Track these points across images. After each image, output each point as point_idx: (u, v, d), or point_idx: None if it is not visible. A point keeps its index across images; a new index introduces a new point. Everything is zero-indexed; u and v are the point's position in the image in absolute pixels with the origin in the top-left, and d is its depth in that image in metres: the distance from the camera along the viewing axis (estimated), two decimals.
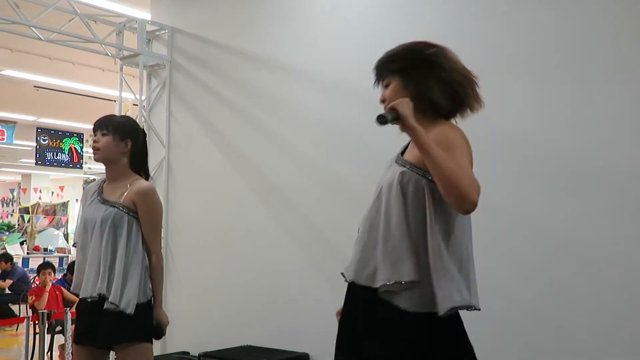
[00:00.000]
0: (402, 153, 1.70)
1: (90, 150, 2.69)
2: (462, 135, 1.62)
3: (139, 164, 2.54)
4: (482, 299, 1.61)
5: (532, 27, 3.14)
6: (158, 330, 2.46)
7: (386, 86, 1.70)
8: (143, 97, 4.95)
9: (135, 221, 2.41)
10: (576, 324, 2.88)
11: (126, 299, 2.32)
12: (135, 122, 2.61)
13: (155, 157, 4.97)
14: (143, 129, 2.64)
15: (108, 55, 5.00)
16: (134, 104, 5.54)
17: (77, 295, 2.51)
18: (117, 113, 5.36)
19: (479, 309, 1.54)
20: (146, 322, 2.40)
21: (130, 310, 2.32)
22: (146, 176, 2.55)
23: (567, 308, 2.90)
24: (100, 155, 2.47)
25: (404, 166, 1.62)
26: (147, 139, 2.64)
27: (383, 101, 1.68)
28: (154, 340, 2.45)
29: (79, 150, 11.61)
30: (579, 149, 2.94)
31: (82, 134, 11.72)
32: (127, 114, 5.57)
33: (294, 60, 4.18)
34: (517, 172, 3.11)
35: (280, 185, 4.23)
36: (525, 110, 3.11)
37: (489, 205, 3.14)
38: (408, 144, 1.70)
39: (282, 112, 4.25)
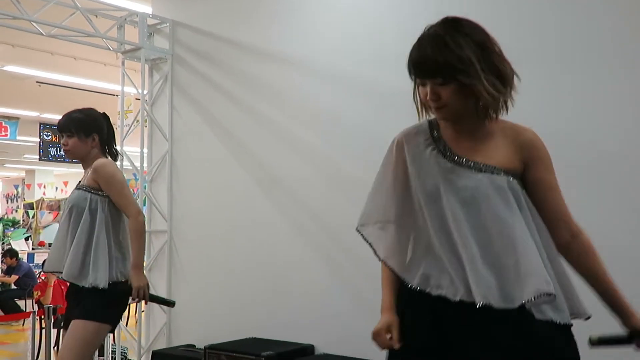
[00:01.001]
0: (450, 152, 1.50)
1: None
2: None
3: (109, 149, 2.68)
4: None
5: (531, 16, 3.12)
6: (126, 291, 2.51)
7: (440, 85, 1.46)
8: (145, 91, 4.95)
9: (100, 198, 2.52)
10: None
11: (94, 277, 2.43)
12: (94, 112, 2.69)
13: (158, 150, 4.98)
14: (104, 114, 2.73)
15: (109, 49, 4.99)
16: (136, 98, 5.53)
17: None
18: (119, 107, 5.36)
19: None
20: (106, 303, 2.46)
21: (103, 285, 2.42)
22: (112, 155, 2.68)
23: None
24: (73, 155, 2.61)
25: (496, 173, 1.47)
26: (110, 122, 2.73)
27: (434, 99, 1.47)
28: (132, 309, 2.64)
29: None
30: (580, 139, 2.93)
31: None
32: (130, 108, 5.58)
33: (296, 51, 4.16)
34: None
35: (283, 177, 4.23)
36: (525, 100, 3.10)
37: None
38: (437, 136, 1.54)
39: (284, 104, 4.24)
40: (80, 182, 2.67)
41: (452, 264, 1.43)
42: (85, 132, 2.60)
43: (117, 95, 6.11)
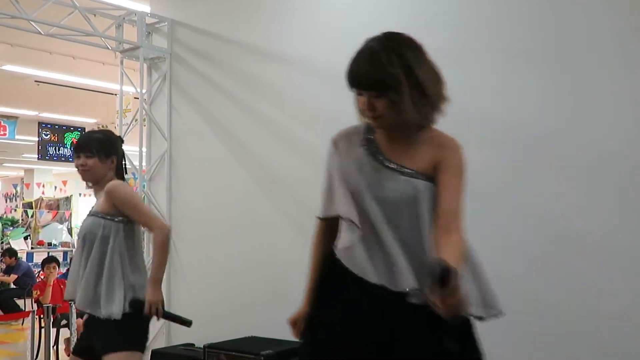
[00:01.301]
0: (381, 155, 1.64)
1: None
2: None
3: (121, 172, 2.64)
4: None
5: (531, 15, 3.12)
6: (140, 306, 2.41)
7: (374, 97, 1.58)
8: (144, 90, 4.94)
9: (114, 224, 2.45)
10: (579, 313, 2.88)
11: (108, 308, 2.35)
12: (113, 134, 2.67)
13: (157, 150, 4.97)
14: (120, 137, 2.71)
15: (108, 48, 4.98)
16: (135, 97, 5.52)
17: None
18: (118, 106, 5.35)
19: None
20: (134, 331, 2.40)
21: (116, 316, 2.33)
22: (120, 175, 2.63)
23: (570, 297, 2.90)
24: (90, 176, 2.55)
25: (417, 177, 1.61)
26: (123, 145, 2.72)
27: (370, 109, 1.60)
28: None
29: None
30: (580, 139, 2.93)
31: (84, 128, 11.71)
32: (129, 107, 5.57)
33: (296, 51, 4.15)
34: (517, 162, 3.10)
35: (283, 176, 4.22)
36: (525, 100, 3.10)
37: (489, 195, 3.16)
38: (371, 138, 1.68)
39: (284, 103, 4.23)
40: (93, 208, 2.60)
41: (378, 256, 1.56)
42: (106, 154, 2.54)
43: (115, 95, 6.10)
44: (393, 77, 1.54)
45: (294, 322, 1.74)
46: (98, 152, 2.52)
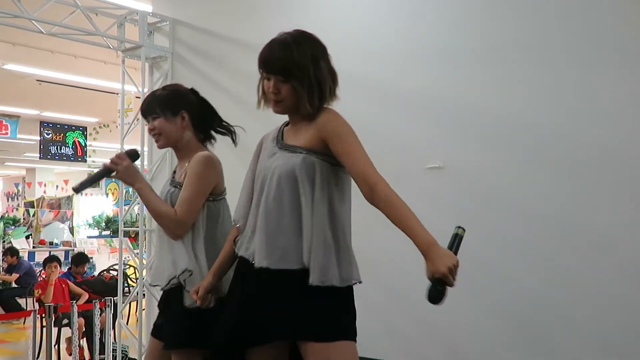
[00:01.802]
0: (281, 139, 1.90)
1: (95, 144, 2.62)
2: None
3: (203, 131, 2.30)
4: (485, 288, 1.61)
5: (534, 12, 3.11)
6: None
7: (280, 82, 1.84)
8: (145, 89, 4.93)
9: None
10: (579, 311, 2.87)
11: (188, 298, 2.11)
12: (180, 87, 2.33)
13: (158, 149, 4.95)
14: (192, 89, 2.34)
15: (110, 47, 4.98)
16: (136, 97, 5.53)
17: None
18: (119, 105, 5.35)
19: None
20: (187, 326, 2.11)
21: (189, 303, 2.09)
22: (207, 137, 2.33)
23: (570, 295, 2.89)
24: (163, 141, 2.25)
25: (296, 152, 1.81)
26: (201, 99, 2.33)
27: (274, 93, 1.84)
28: None
29: (83, 144, 11.62)
30: (582, 136, 2.92)
31: (86, 127, 11.73)
32: (130, 106, 5.58)
33: None
34: (519, 159, 3.09)
35: None
36: (528, 97, 3.09)
37: (491, 193, 3.16)
38: (281, 130, 1.93)
39: None
40: (174, 173, 2.32)
41: (250, 233, 1.83)
42: (173, 110, 2.22)
43: (117, 94, 6.10)
44: (300, 67, 1.77)
45: (196, 290, 2.02)
46: (163, 110, 2.22)
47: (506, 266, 3.08)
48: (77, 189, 2.31)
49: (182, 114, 2.23)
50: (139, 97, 5.01)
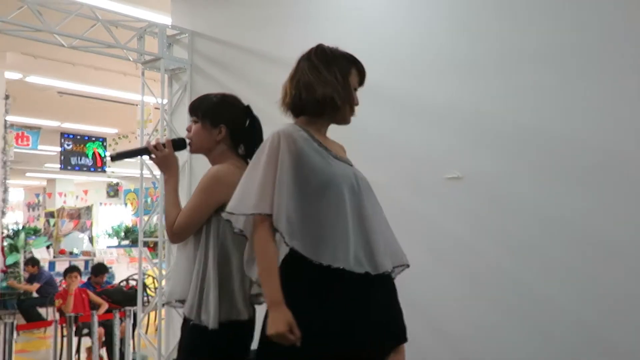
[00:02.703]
0: (326, 149, 1.87)
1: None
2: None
3: (247, 150, 2.18)
4: (498, 293, 1.61)
5: (550, 21, 3.11)
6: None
7: None
8: (165, 101, 4.99)
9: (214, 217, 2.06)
10: (600, 318, 2.85)
11: (205, 314, 2.01)
12: (231, 100, 2.26)
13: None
14: (248, 107, 2.28)
15: (130, 60, 5.05)
16: (155, 108, 5.59)
17: None
18: (139, 117, 5.41)
19: None
20: (209, 346, 2.01)
21: (213, 325, 1.97)
22: (248, 154, 2.17)
23: (590, 303, 2.88)
24: (194, 146, 2.20)
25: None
26: (253, 118, 2.25)
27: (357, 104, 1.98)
28: None
29: (102, 155, 11.75)
30: (601, 144, 2.91)
31: (105, 139, 11.86)
32: (150, 118, 5.64)
33: None
34: (537, 168, 3.08)
35: None
36: (544, 105, 3.08)
37: (510, 202, 3.14)
38: (314, 137, 1.87)
39: None
40: None
41: (356, 242, 1.75)
42: (212, 120, 2.17)
43: (137, 105, 6.18)
44: None
45: (290, 328, 1.65)
46: (204, 116, 2.18)
47: (525, 275, 3.07)
48: (114, 157, 2.30)
49: (220, 127, 2.17)
50: (158, 108, 5.07)
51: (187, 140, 2.22)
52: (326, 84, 1.85)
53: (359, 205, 1.80)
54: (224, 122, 2.18)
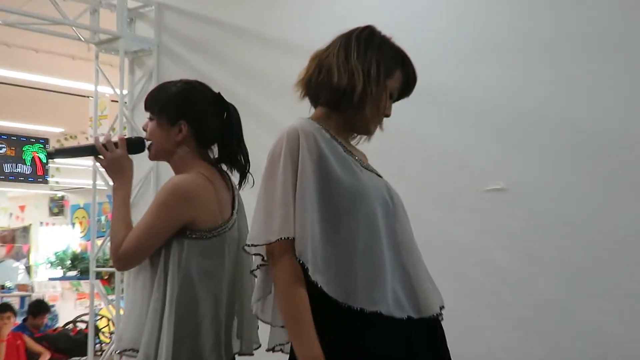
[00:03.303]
0: (351, 155, 1.86)
1: (59, 160, 2.58)
2: None
3: (221, 152, 2.22)
4: (555, 336, 1.64)
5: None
6: None
7: None
8: (124, 92, 5.01)
9: (176, 240, 2.07)
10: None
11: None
12: (195, 87, 2.25)
13: (140, 167, 5.00)
14: (218, 95, 2.27)
15: (80, 39, 5.08)
16: (112, 100, 5.61)
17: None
18: (91, 112, 5.44)
19: None
20: None
21: None
22: (232, 162, 2.22)
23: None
24: (152, 150, 2.20)
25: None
26: (228, 110, 2.25)
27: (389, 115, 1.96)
28: None
29: (44, 160, 11.74)
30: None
31: (48, 140, 11.86)
32: (105, 113, 5.66)
33: (312, 41, 4.18)
34: (594, 175, 3.13)
35: None
36: (600, 99, 3.13)
37: (560, 218, 3.17)
38: (339, 142, 1.85)
39: (295, 101, 4.25)
40: None
41: (394, 277, 1.74)
42: (169, 115, 2.16)
43: (89, 97, 6.19)
44: None
45: None
46: (160, 111, 2.17)
47: (590, 315, 3.10)
48: (53, 154, 2.36)
49: (180, 124, 2.15)
50: (116, 101, 5.09)
51: (148, 142, 2.21)
52: (350, 73, 1.82)
53: (394, 228, 1.79)
54: (185, 118, 2.16)
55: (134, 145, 2.23)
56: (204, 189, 2.10)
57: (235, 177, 2.27)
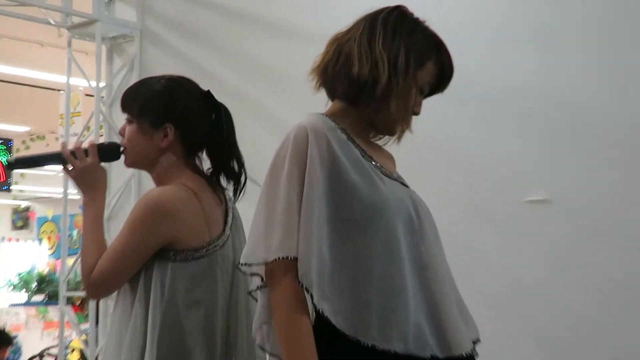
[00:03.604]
0: (372, 159, 1.84)
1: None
2: None
3: (215, 161, 2.22)
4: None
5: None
6: None
7: None
8: (101, 84, 5.01)
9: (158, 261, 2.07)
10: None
11: None
12: (182, 83, 2.25)
13: (119, 174, 5.00)
14: (208, 93, 2.28)
15: (50, 23, 5.08)
16: (86, 95, 5.62)
17: None
18: (62, 108, 5.44)
19: None
20: None
21: None
22: (227, 173, 2.22)
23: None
24: (129, 157, 2.21)
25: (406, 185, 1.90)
26: (219, 111, 2.27)
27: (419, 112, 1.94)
28: None
29: (5, 164, 11.79)
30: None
31: (11, 141, 11.90)
32: (78, 110, 5.68)
33: (322, 26, 4.18)
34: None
35: None
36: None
37: (610, 232, 3.17)
38: (354, 142, 1.83)
39: (306, 98, 4.26)
40: None
41: (417, 308, 1.71)
42: (153, 118, 2.15)
43: (60, 91, 6.20)
44: None
45: None
46: (140, 113, 2.16)
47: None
48: (12, 164, 2.37)
49: (166, 127, 2.14)
50: (92, 95, 5.09)
51: (122, 147, 2.21)
52: (373, 62, 1.77)
53: (419, 248, 1.76)
54: (171, 120, 2.15)
55: (107, 152, 2.23)
56: (186, 202, 2.08)
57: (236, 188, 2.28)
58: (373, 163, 1.81)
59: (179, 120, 2.16)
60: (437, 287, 1.75)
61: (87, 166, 2.16)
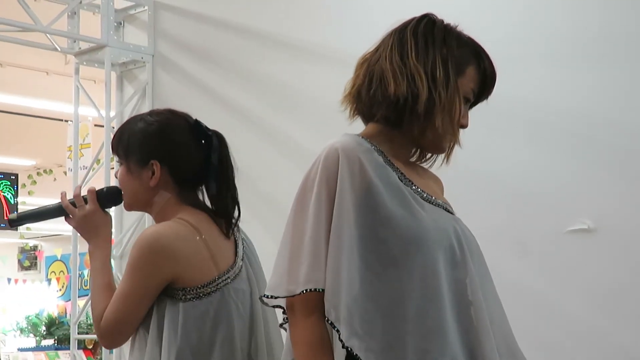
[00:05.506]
0: (412, 183, 1.83)
1: (30, 200, 2.62)
2: None
3: (218, 200, 2.24)
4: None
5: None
6: None
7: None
8: (112, 114, 5.03)
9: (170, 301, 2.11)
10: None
11: None
12: (168, 119, 2.25)
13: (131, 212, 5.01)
14: (196, 122, 2.28)
15: (56, 49, 5.11)
16: (96, 125, 5.64)
17: None
18: (70, 140, 5.47)
19: None
20: None
21: None
22: (222, 209, 2.24)
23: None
24: (125, 199, 2.26)
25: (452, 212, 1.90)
26: (209, 142, 2.26)
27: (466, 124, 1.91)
28: None
29: (11, 201, 11.85)
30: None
31: (16, 175, 11.97)
32: (87, 141, 5.70)
33: (345, 47, 4.21)
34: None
35: None
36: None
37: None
38: (395, 167, 1.82)
39: (327, 124, 4.27)
40: None
41: (456, 347, 1.68)
42: (139, 156, 2.20)
43: (67, 121, 6.24)
44: None
45: None
46: (127, 154, 2.22)
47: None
48: (14, 222, 2.41)
49: (152, 164, 2.18)
50: (101, 126, 5.11)
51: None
52: (410, 77, 1.75)
53: (462, 282, 1.74)
54: (156, 156, 2.18)
55: (108, 196, 2.28)
56: (184, 238, 2.11)
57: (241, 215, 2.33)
58: (413, 187, 1.79)
59: (163, 156, 2.19)
60: (482, 325, 1.72)
61: (86, 214, 2.22)
